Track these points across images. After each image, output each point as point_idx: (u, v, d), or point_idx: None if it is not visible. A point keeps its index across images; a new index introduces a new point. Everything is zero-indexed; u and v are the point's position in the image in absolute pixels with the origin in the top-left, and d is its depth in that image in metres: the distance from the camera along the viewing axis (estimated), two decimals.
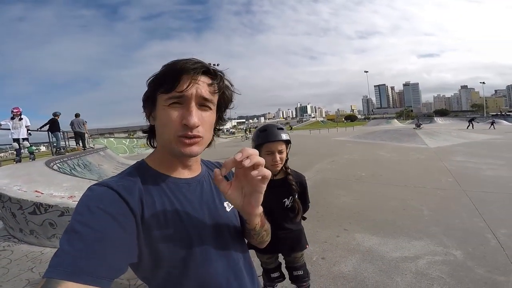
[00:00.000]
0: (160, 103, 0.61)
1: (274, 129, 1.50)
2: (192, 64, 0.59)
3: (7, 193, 3.54)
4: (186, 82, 0.58)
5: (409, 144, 12.65)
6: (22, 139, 7.17)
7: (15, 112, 7.17)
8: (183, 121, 0.58)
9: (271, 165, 1.47)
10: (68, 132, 12.01)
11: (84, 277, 0.44)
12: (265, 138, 1.48)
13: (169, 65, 0.61)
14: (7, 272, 2.82)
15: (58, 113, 9.45)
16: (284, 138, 1.48)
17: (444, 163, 7.51)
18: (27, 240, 3.55)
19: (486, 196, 4.37)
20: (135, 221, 0.55)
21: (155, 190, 0.61)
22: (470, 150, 9.73)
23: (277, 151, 1.46)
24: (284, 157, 1.51)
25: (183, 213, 0.62)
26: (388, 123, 48.48)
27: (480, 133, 16.55)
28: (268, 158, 1.46)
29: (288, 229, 1.60)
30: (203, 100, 0.61)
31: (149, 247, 0.57)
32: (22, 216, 3.39)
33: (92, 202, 0.52)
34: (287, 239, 1.61)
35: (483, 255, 2.54)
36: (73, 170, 6.99)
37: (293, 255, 1.70)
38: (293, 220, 1.59)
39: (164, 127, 0.60)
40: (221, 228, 0.69)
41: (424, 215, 3.72)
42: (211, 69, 0.62)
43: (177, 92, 0.58)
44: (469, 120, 28.68)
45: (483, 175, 5.85)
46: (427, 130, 16.70)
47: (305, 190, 1.66)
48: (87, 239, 0.47)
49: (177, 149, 0.60)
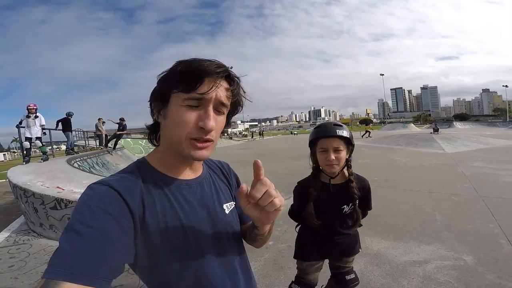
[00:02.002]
0: (175, 102, 0.59)
1: (330, 125, 1.36)
2: (215, 67, 0.58)
3: (31, 189, 3.77)
4: (208, 85, 0.57)
5: (425, 149, 12.31)
6: (35, 138, 6.79)
7: (30, 108, 6.79)
8: (199, 124, 0.58)
9: (325, 165, 1.34)
10: (88, 132, 12.53)
11: (84, 278, 0.44)
12: (319, 133, 1.36)
13: (189, 64, 0.58)
14: (25, 265, 2.99)
15: (71, 113, 9.47)
16: (340, 134, 1.31)
17: (461, 168, 7.29)
18: (46, 235, 3.75)
19: (504, 202, 4.23)
20: (133, 222, 0.54)
21: (156, 190, 0.61)
22: (490, 156, 9.39)
23: (332, 149, 1.31)
24: (343, 158, 1.33)
25: (182, 215, 0.62)
26: (404, 128, 47.18)
27: (501, 139, 15.89)
28: (322, 156, 1.34)
29: (344, 234, 1.48)
30: (219, 105, 0.60)
31: (148, 248, 0.58)
32: (44, 211, 3.59)
33: (93, 201, 0.52)
34: (342, 244, 1.49)
35: (494, 261, 2.48)
36: (92, 168, 7.29)
37: (345, 259, 1.57)
38: (350, 228, 1.47)
39: (176, 127, 0.59)
40: (220, 230, 0.69)
41: (436, 220, 3.66)
42: (232, 74, 0.62)
43: (197, 93, 0.57)
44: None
45: (501, 181, 5.65)
46: (445, 135, 16.20)
47: (368, 196, 1.51)
48: (87, 239, 0.47)
49: (187, 151, 0.60)
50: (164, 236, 0.59)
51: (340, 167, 1.34)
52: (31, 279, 2.67)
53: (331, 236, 1.47)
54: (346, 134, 1.33)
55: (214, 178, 0.77)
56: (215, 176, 0.78)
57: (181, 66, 0.59)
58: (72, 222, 0.49)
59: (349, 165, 1.40)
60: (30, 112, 6.74)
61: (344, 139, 1.32)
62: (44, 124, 7.07)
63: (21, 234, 3.99)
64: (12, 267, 2.94)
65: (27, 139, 6.67)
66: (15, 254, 3.28)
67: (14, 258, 3.18)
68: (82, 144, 13.36)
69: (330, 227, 1.45)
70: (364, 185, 1.47)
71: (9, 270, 2.89)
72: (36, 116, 6.82)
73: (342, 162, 1.33)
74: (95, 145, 11.99)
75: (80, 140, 13.69)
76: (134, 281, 2.43)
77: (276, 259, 2.83)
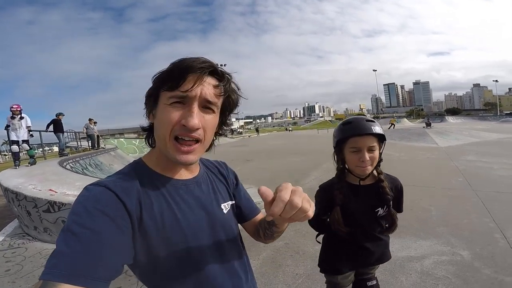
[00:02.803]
0: (162, 101, 0.59)
1: (362, 121, 1.18)
2: (199, 63, 0.57)
3: (23, 192, 3.69)
4: (192, 82, 0.56)
5: (419, 143, 12.46)
6: (22, 141, 6.37)
7: (14, 109, 6.33)
8: (182, 121, 0.56)
9: (356, 166, 1.18)
10: (80, 133, 12.36)
11: (81, 279, 0.43)
12: (350, 131, 1.18)
13: (176, 62, 0.58)
14: (21, 268, 2.94)
15: (61, 114, 9.18)
16: (376, 132, 1.15)
17: (455, 162, 7.39)
18: (41, 238, 3.69)
19: (498, 196, 4.29)
20: (131, 223, 0.54)
21: (153, 191, 0.60)
22: (482, 150, 9.53)
23: (366, 148, 1.15)
24: (376, 157, 1.18)
25: (180, 215, 0.61)
26: (397, 123, 47.71)
27: (492, 132, 16.15)
28: (354, 157, 1.18)
29: (380, 239, 1.32)
30: (206, 102, 0.58)
31: (146, 249, 0.57)
32: (37, 214, 3.52)
33: (89, 203, 0.51)
34: (376, 251, 1.33)
35: (491, 255, 2.51)
36: (85, 170, 7.17)
37: (372, 266, 1.41)
38: (385, 232, 1.33)
39: (162, 126, 0.58)
40: (217, 230, 0.68)
41: (432, 215, 3.69)
42: (218, 70, 0.60)
43: (180, 91, 0.56)
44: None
45: (495, 175, 5.73)
46: (438, 129, 16.41)
47: (400, 197, 1.35)
48: (84, 241, 0.46)
49: (172, 154, 0.59)
50: (162, 236, 0.58)
51: (373, 167, 1.20)
52: (28, 283, 2.63)
53: (365, 243, 1.31)
54: (381, 131, 1.17)
55: (211, 178, 0.76)
56: (212, 175, 0.77)
57: (169, 66, 0.59)
58: (69, 223, 0.49)
59: (379, 164, 1.25)
60: (14, 114, 6.34)
61: (378, 136, 1.17)
62: (30, 125, 6.66)
63: (16, 237, 3.92)
64: (9, 271, 2.90)
65: (14, 142, 6.31)
66: (11, 258, 3.23)
67: (10, 262, 3.13)
68: (74, 145, 13.19)
69: (364, 233, 1.30)
70: (396, 185, 1.33)
71: (6, 274, 2.85)
72: (22, 117, 6.43)
73: (375, 162, 1.19)
74: (87, 146, 11.82)
75: (72, 141, 13.50)
76: (133, 283, 2.40)
77: (274, 257, 2.82)
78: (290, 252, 2.91)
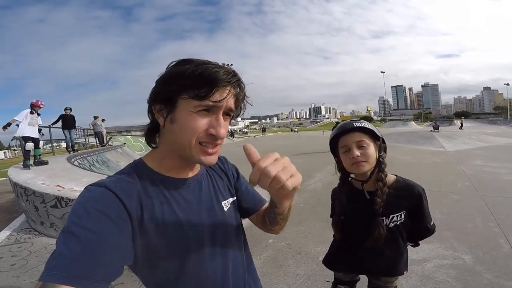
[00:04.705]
0: (185, 107, 0.57)
1: (348, 121, 1.19)
2: (229, 76, 0.58)
3: (32, 187, 3.78)
4: (222, 93, 0.57)
5: (425, 147, 12.30)
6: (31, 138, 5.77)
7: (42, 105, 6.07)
8: (210, 131, 0.58)
9: (351, 164, 1.14)
10: (88, 130, 12.55)
11: (81, 281, 0.43)
12: (336, 131, 1.19)
13: (200, 69, 0.56)
14: (26, 263, 3.01)
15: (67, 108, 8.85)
16: (359, 125, 1.13)
17: (462, 166, 7.29)
18: (47, 233, 3.77)
19: (504, 201, 4.23)
20: (131, 223, 0.54)
21: (153, 192, 0.61)
22: (490, 154, 9.38)
23: (354, 145, 1.12)
24: (371, 155, 1.12)
25: (181, 215, 0.62)
26: (404, 125, 47.05)
27: (502, 137, 15.86)
28: (346, 156, 1.15)
29: (379, 251, 1.20)
30: (229, 111, 0.61)
31: (147, 249, 0.57)
32: (44, 209, 3.61)
33: (89, 203, 0.51)
34: (376, 262, 1.24)
35: (493, 260, 2.49)
36: (92, 166, 7.29)
37: (385, 279, 1.29)
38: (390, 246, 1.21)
39: (187, 133, 0.58)
40: (218, 227, 0.69)
41: (436, 219, 3.63)
42: (242, 83, 0.62)
43: (211, 101, 0.56)
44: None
45: (502, 180, 5.64)
46: (446, 133, 16.17)
47: (419, 207, 1.23)
48: (84, 242, 0.46)
49: (197, 157, 0.60)
50: (164, 236, 0.59)
51: (370, 165, 1.13)
52: (32, 277, 2.68)
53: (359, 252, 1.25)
54: (368, 126, 1.15)
55: (211, 175, 0.77)
56: (212, 172, 0.78)
57: (189, 70, 0.56)
58: (69, 224, 0.49)
59: (381, 167, 1.16)
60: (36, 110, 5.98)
61: (366, 131, 1.14)
62: (40, 123, 6.34)
63: (22, 232, 4.01)
64: (14, 266, 2.96)
65: (30, 139, 5.66)
66: (17, 253, 3.30)
67: (15, 256, 3.20)
68: (82, 142, 13.40)
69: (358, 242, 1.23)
70: (411, 193, 1.21)
71: (11, 268, 2.91)
72: (39, 114, 6.14)
73: (371, 159, 1.12)
74: (95, 143, 12.00)
75: (80, 138, 13.71)
76: (135, 279, 2.44)
77: (275, 257, 2.84)
78: (292, 253, 2.93)
